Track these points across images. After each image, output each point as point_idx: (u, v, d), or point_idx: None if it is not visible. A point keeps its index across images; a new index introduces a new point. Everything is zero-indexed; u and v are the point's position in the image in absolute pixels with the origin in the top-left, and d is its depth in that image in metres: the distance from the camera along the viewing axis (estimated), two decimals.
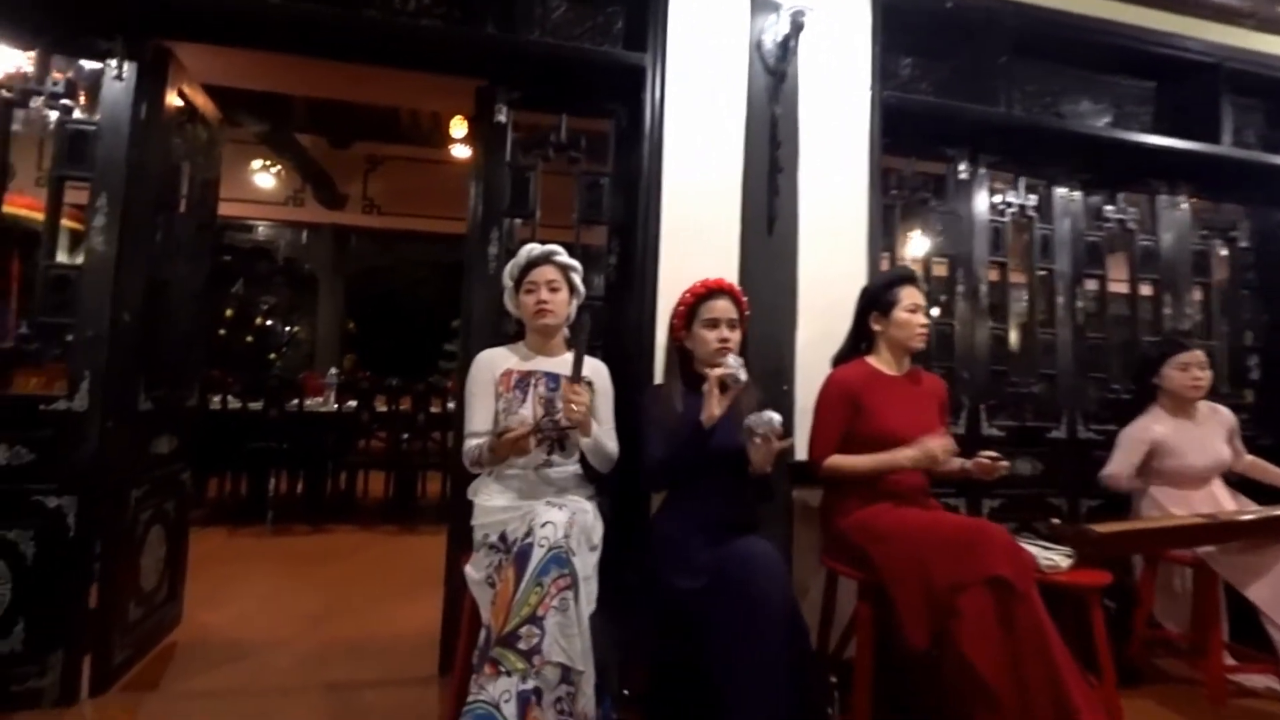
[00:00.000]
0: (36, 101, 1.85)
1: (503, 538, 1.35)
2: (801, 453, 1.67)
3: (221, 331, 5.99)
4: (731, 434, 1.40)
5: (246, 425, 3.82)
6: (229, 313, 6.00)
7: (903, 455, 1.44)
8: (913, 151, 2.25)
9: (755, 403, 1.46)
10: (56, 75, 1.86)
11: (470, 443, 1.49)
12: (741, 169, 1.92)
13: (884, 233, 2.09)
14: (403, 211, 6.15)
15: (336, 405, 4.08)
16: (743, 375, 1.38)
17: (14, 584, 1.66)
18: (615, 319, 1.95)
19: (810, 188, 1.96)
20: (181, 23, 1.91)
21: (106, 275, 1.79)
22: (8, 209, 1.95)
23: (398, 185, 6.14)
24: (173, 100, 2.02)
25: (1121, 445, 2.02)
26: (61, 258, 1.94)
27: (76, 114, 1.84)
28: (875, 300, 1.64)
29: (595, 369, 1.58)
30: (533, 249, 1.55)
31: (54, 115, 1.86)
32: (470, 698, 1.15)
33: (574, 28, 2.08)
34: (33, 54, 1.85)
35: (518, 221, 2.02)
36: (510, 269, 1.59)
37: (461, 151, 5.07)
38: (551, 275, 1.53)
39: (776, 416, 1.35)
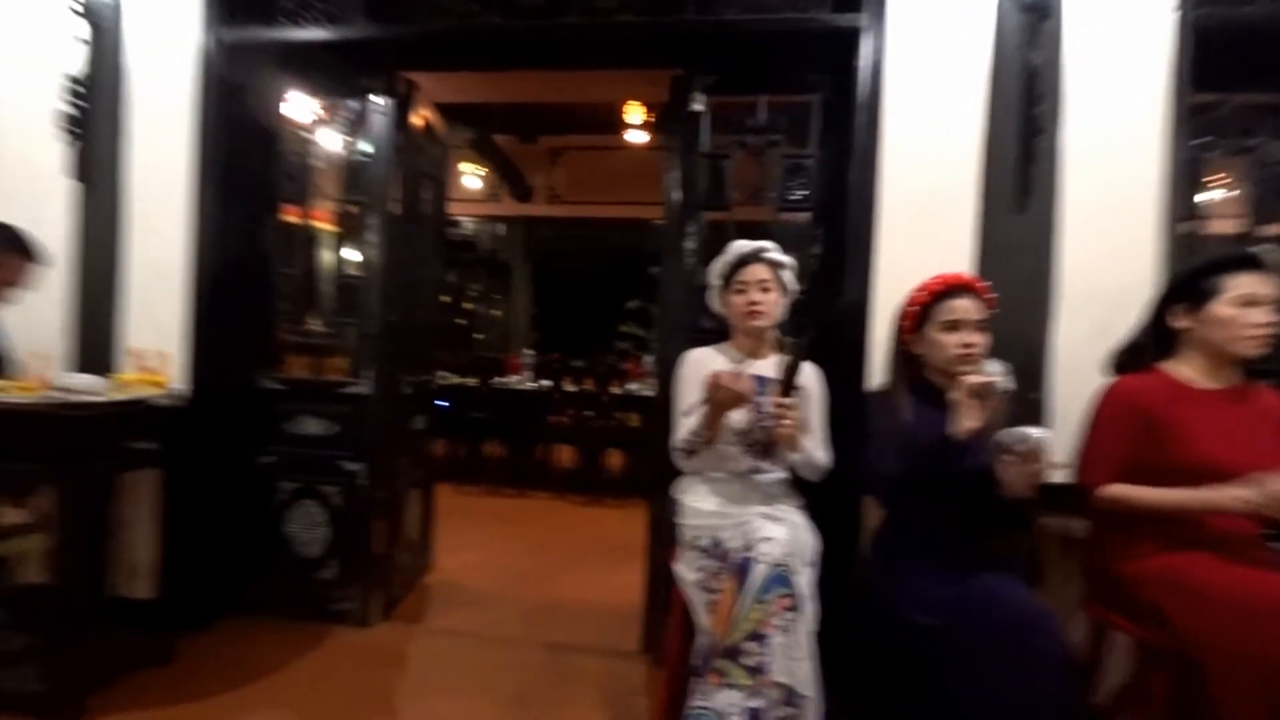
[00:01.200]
0: (329, 138, 2.28)
1: (715, 544, 1.37)
2: (1062, 473, 1.40)
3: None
4: (977, 450, 1.24)
5: (462, 398, 4.43)
6: (447, 300, 7.00)
7: (1229, 496, 1.11)
8: (1231, 85, 1.74)
9: (1004, 413, 1.29)
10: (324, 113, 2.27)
11: (680, 432, 1.49)
12: (983, 135, 1.67)
13: (1187, 194, 1.66)
14: (581, 199, 6.54)
15: (533, 383, 4.54)
16: (1007, 384, 1.21)
17: (329, 528, 2.14)
18: (819, 314, 1.85)
19: (1078, 149, 1.63)
20: (422, 56, 2.19)
21: (378, 280, 2.17)
22: (294, 219, 2.43)
23: (576, 174, 6.52)
24: (416, 123, 2.34)
25: None
26: (328, 256, 2.39)
27: (356, 147, 2.22)
28: (1185, 289, 1.28)
29: (804, 371, 1.52)
30: (742, 246, 1.52)
31: (339, 148, 2.27)
32: (696, 703, 1.19)
33: None
34: (323, 100, 2.28)
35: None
36: (718, 267, 1.57)
37: (637, 136, 5.19)
38: (763, 274, 1.48)
39: (1040, 433, 1.17)
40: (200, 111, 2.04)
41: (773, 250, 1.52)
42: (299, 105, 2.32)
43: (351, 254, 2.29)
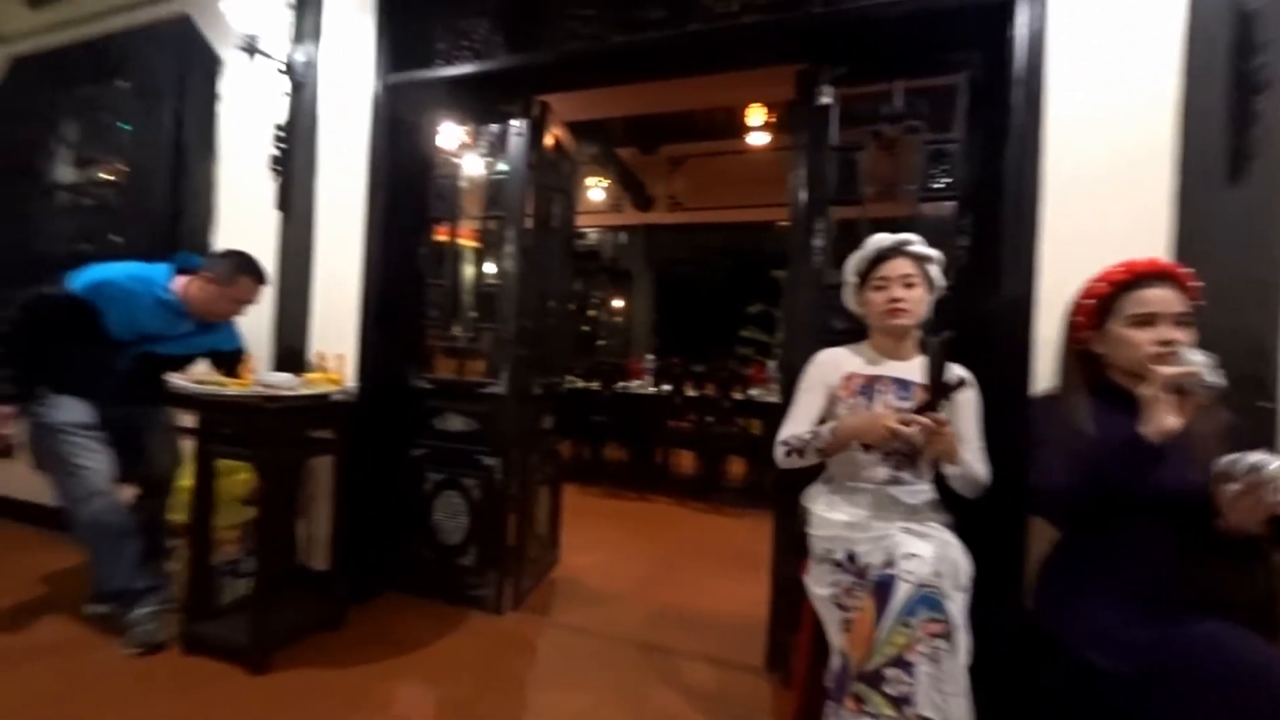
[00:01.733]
0: (473, 161, 2.49)
1: (851, 558, 1.27)
2: None
3: None
4: (1182, 464, 1.03)
5: (585, 400, 4.61)
6: (571, 307, 7.42)
7: None
8: None
9: (1220, 425, 1.05)
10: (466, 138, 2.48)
11: (789, 429, 1.43)
12: (1178, 97, 1.40)
13: None
14: (701, 205, 6.55)
15: (654, 387, 4.60)
16: (1215, 379, 0.98)
17: (468, 517, 2.32)
18: (968, 311, 1.66)
19: None
20: (555, 78, 2.31)
21: (514, 290, 2.32)
22: (443, 236, 2.68)
23: (697, 180, 6.55)
24: (548, 142, 2.48)
25: None
26: (470, 268, 2.60)
27: (497, 167, 2.40)
28: None
29: (956, 375, 1.37)
30: (881, 240, 1.41)
31: (482, 170, 2.47)
32: None
33: None
34: (469, 127, 2.50)
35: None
36: (855, 263, 1.47)
37: (759, 139, 5.08)
38: (906, 269, 1.37)
39: (1275, 460, 0.92)
40: (371, 147, 2.34)
41: (917, 243, 1.39)
42: (448, 133, 2.57)
43: (490, 265, 2.49)
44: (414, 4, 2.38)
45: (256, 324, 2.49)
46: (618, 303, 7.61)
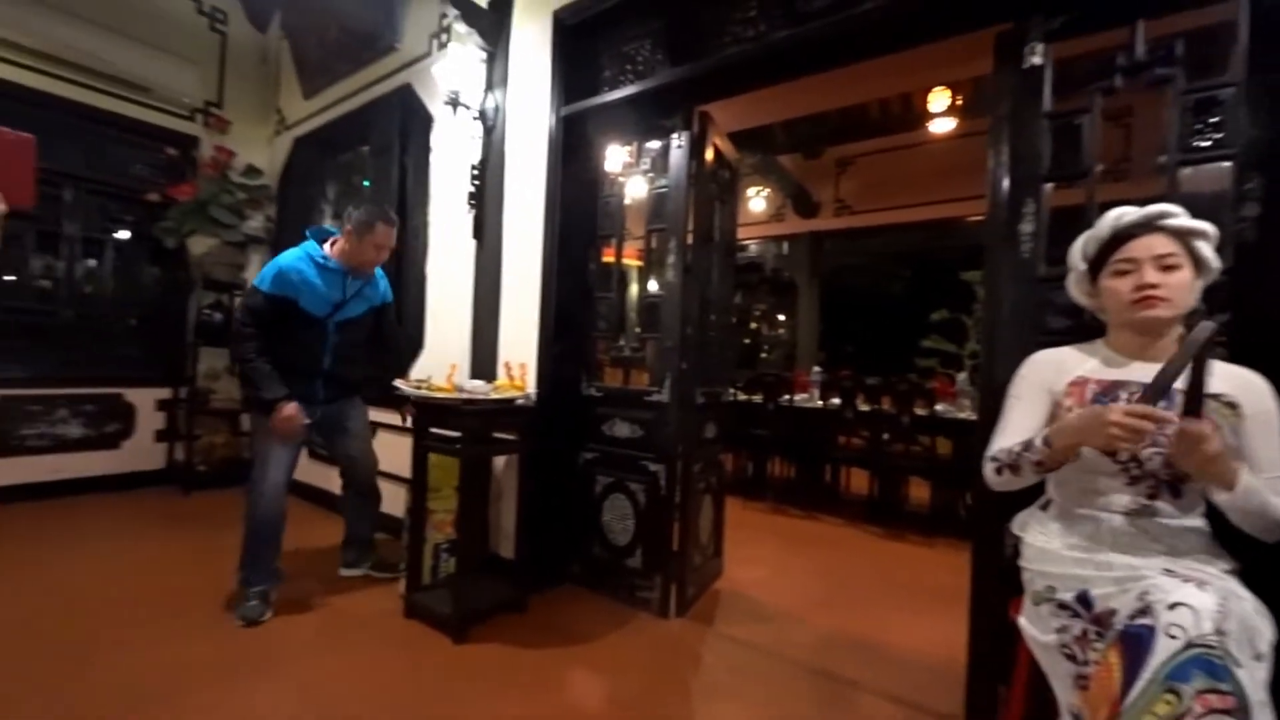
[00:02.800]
0: (636, 178, 2.61)
1: (1084, 599, 1.04)
2: None
3: None
4: None
5: (748, 414, 4.50)
6: (733, 320, 7.38)
7: None
8: None
9: None
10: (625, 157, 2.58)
11: (994, 448, 1.22)
12: None
13: None
14: (871, 207, 6.10)
15: (820, 401, 4.34)
16: None
17: (634, 520, 2.39)
18: (1255, 299, 1.29)
19: None
20: (717, 85, 2.32)
21: (676, 300, 2.36)
22: (609, 252, 2.83)
23: (867, 181, 6.12)
24: (710, 154, 2.50)
25: None
26: (635, 281, 2.68)
27: (658, 182, 2.48)
28: None
29: (1242, 384, 1.06)
30: (1122, 214, 1.15)
31: (645, 187, 2.58)
32: None
33: None
34: (631, 145, 2.63)
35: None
36: (1085, 244, 1.22)
37: (943, 125, 4.59)
38: (1163, 248, 1.09)
39: None
40: (547, 175, 2.57)
41: (1178, 215, 1.11)
42: (614, 154, 2.73)
43: (654, 278, 2.56)
44: (583, 38, 2.58)
45: (458, 336, 2.87)
46: (781, 314, 7.37)
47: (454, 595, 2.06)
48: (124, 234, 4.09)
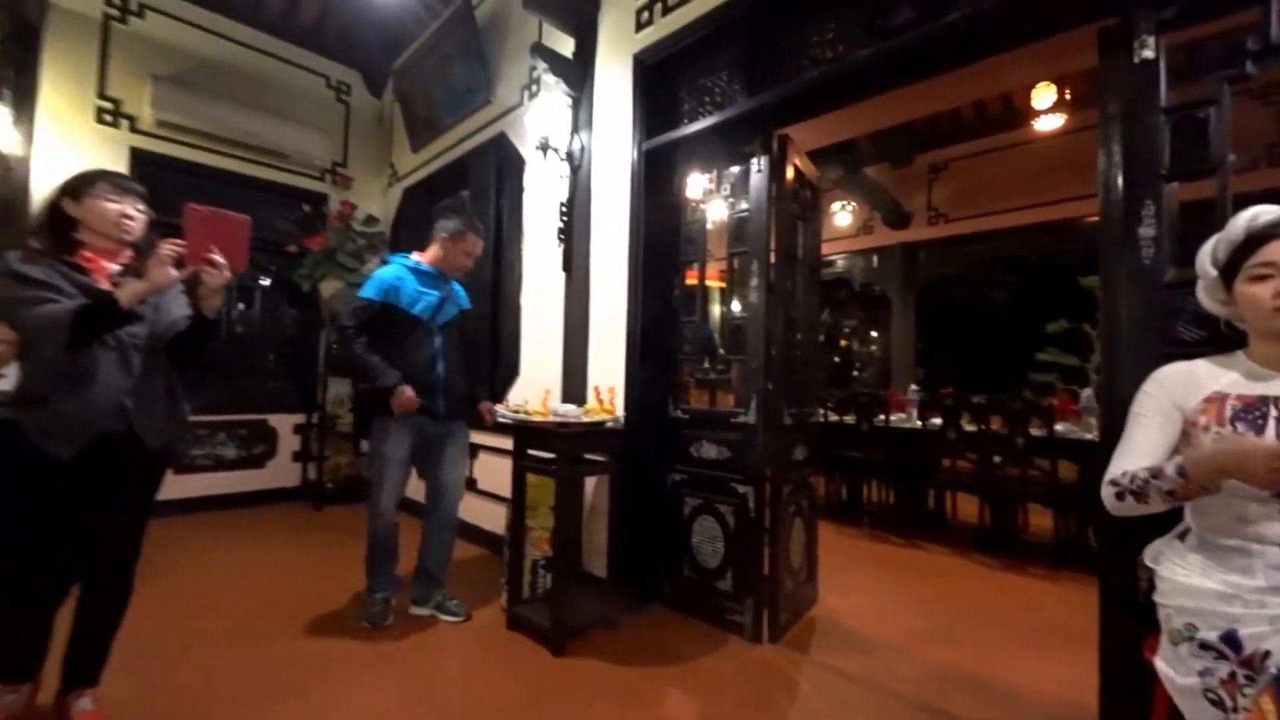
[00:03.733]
0: (716, 204, 2.66)
1: (1230, 640, 0.93)
2: None
3: None
4: None
5: (840, 435, 4.34)
6: (820, 338, 7.16)
7: None
8: None
9: None
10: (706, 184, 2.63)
11: (1114, 471, 1.11)
12: None
13: None
14: (970, 213, 5.74)
15: (919, 422, 4.10)
16: None
17: (724, 542, 2.39)
18: None
19: None
20: (797, 109, 2.34)
21: (760, 320, 2.36)
22: (692, 277, 2.88)
23: (964, 186, 5.78)
24: (789, 174, 2.50)
25: None
26: (718, 304, 2.70)
27: (739, 206, 2.52)
28: None
29: None
30: (1258, 214, 1.04)
31: (725, 211, 2.62)
32: None
33: None
34: (711, 173, 2.69)
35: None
36: (1213, 249, 1.12)
37: (1049, 123, 4.28)
38: None
39: None
40: (631, 207, 2.69)
41: None
42: (694, 182, 2.81)
43: (737, 300, 2.59)
44: (662, 76, 2.70)
45: (550, 362, 3.04)
46: (873, 330, 7.06)
47: (552, 610, 2.16)
48: (267, 281, 4.72)
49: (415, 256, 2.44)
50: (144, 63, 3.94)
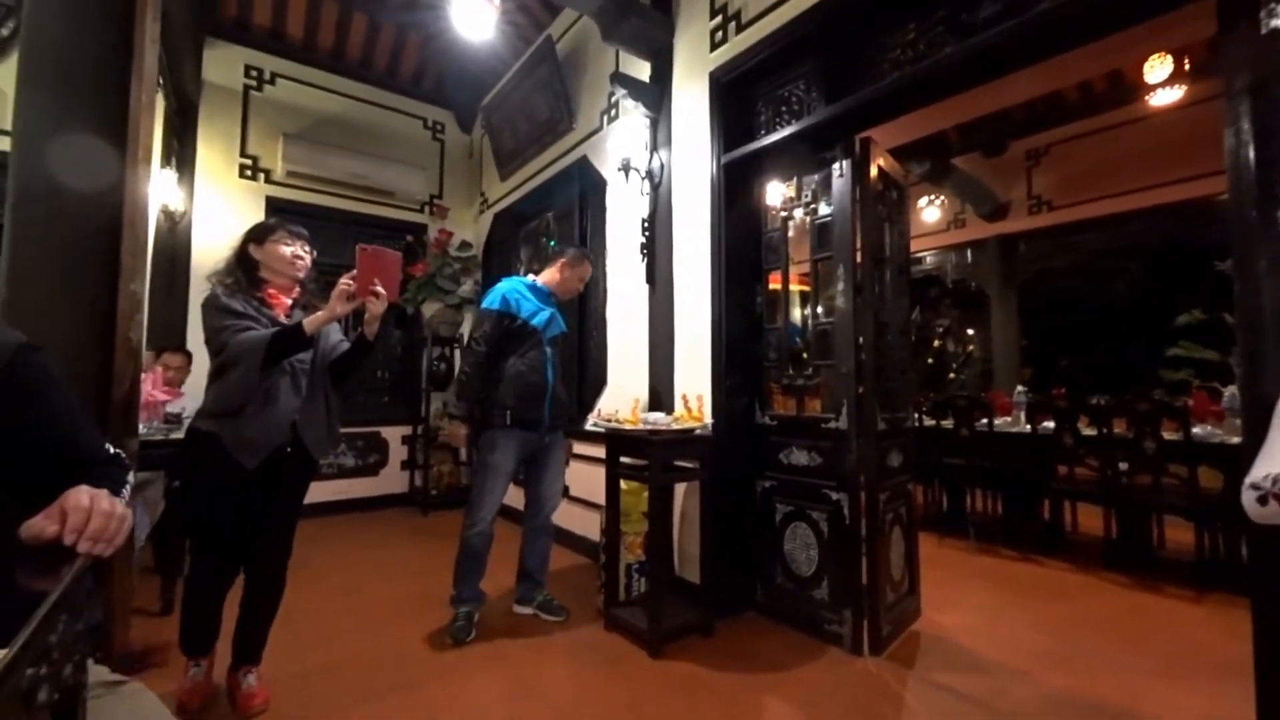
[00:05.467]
0: (797, 211, 2.66)
1: None
2: None
3: None
4: None
5: (937, 441, 4.12)
6: (911, 339, 6.79)
7: None
8: None
9: None
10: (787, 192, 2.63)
11: (1257, 473, 1.02)
12: None
13: None
14: (1077, 199, 5.30)
15: (1029, 425, 3.82)
16: None
17: (819, 550, 2.36)
18: None
19: None
20: (879, 112, 2.31)
21: (849, 325, 2.34)
22: (775, 284, 2.86)
23: (1068, 172, 5.35)
24: (873, 175, 2.46)
25: None
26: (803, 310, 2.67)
27: (820, 210, 2.51)
28: None
29: None
30: None
31: (807, 216, 2.61)
32: None
33: None
34: (792, 182, 2.69)
35: None
36: None
37: (1166, 97, 3.90)
38: None
39: None
40: (711, 219, 2.75)
41: None
42: (773, 190, 2.82)
43: (823, 305, 2.57)
44: (738, 91, 2.75)
45: (637, 373, 3.14)
46: (969, 329, 6.62)
47: (648, 613, 2.23)
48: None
49: (531, 277, 2.62)
50: (276, 123, 4.52)
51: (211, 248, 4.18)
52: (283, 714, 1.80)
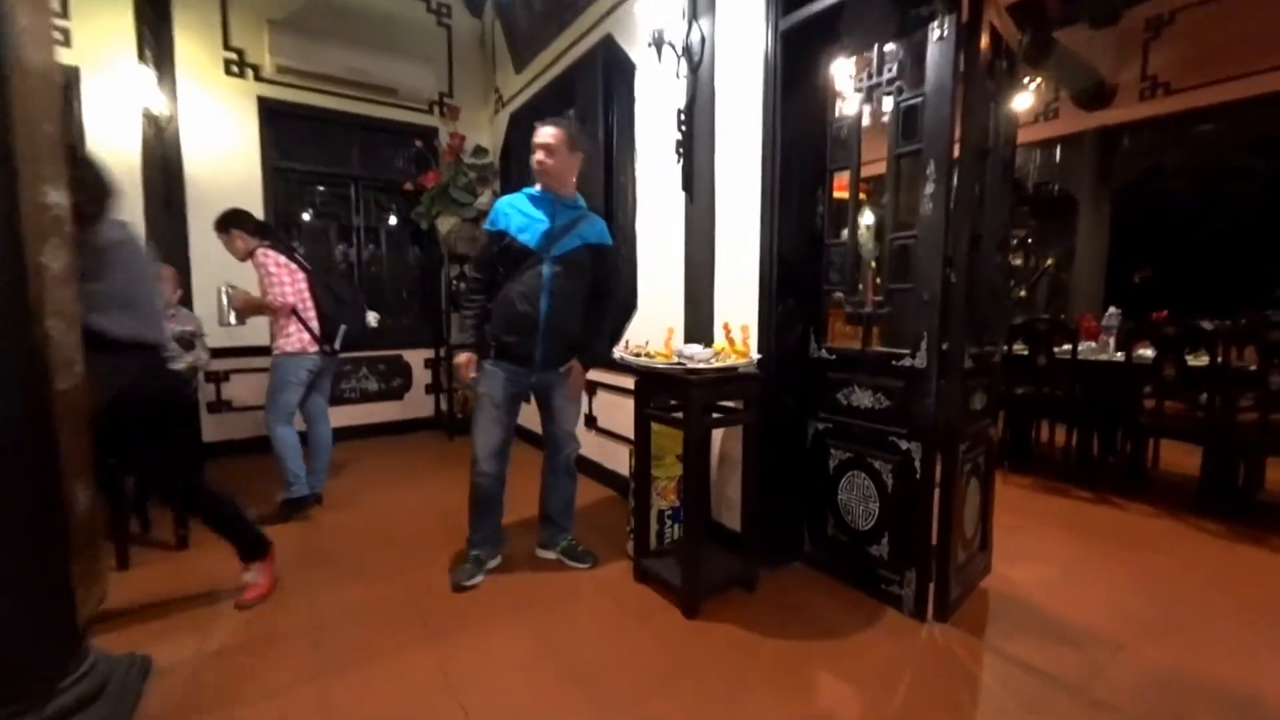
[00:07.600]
0: (875, 91, 2.11)
1: None
2: None
3: None
4: None
5: (1007, 369, 3.67)
6: (1009, 255, 6.03)
7: None
8: None
9: None
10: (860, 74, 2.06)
11: None
12: None
13: None
14: (1207, 79, 4.39)
15: (1120, 354, 3.34)
16: None
17: (880, 503, 2.06)
18: None
19: None
20: None
21: (936, 239, 1.88)
22: (839, 192, 2.37)
23: (1198, 46, 4.40)
24: (983, 40, 1.89)
25: None
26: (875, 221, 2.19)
27: (907, 93, 1.97)
28: None
29: None
30: None
31: (888, 99, 2.07)
32: None
33: None
34: (870, 54, 2.12)
35: None
36: None
37: None
38: None
39: None
40: (764, 108, 2.22)
41: None
42: (841, 72, 2.25)
43: (900, 215, 2.08)
44: None
45: (672, 296, 2.76)
46: (1052, 240, 5.85)
47: (683, 569, 2.00)
48: (392, 220, 4.83)
49: (538, 186, 2.22)
50: (259, 8, 3.96)
51: (205, 157, 3.82)
52: (295, 672, 1.67)
